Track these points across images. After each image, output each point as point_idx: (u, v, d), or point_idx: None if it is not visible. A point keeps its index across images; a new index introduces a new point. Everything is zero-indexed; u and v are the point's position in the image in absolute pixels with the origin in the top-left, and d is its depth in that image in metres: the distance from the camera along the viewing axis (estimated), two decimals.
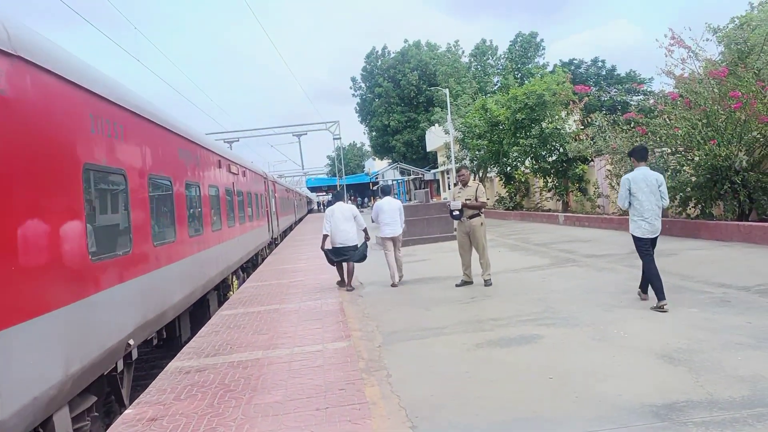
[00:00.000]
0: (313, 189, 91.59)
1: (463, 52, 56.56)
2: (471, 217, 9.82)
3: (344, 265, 10.82)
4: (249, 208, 17.19)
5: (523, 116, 24.87)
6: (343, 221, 10.61)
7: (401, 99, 57.77)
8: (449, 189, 13.06)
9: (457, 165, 24.26)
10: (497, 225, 23.93)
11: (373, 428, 4.14)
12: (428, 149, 53.82)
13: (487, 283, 9.70)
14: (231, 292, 13.27)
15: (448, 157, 35.65)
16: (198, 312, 10.35)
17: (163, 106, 9.50)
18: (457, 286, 9.92)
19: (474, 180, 10.83)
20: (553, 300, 8.16)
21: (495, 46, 54.77)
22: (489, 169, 31.26)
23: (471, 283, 9.95)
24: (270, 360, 6.27)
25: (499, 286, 9.68)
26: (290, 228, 36.42)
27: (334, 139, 59.36)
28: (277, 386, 5.31)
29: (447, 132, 34.38)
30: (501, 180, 30.35)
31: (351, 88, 64.87)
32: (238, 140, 54.23)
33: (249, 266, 17.38)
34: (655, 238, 7.40)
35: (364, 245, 10.90)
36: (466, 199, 9.80)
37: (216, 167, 12.18)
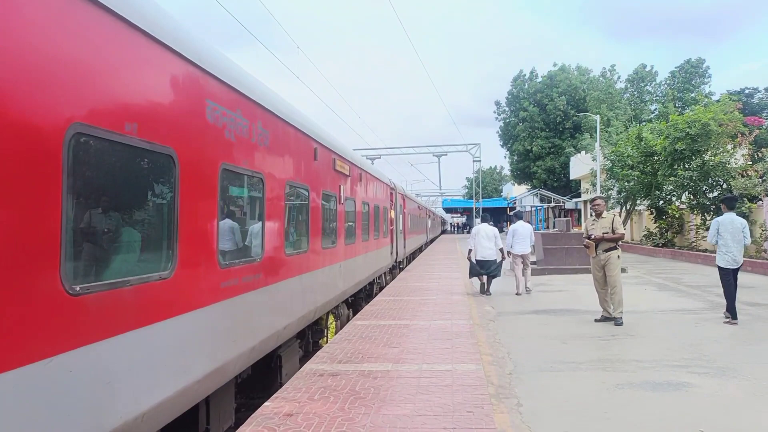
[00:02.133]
0: (448, 210, 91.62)
1: (618, 77, 53.98)
2: (607, 250, 9.28)
3: (483, 276, 12.89)
4: (364, 223, 13.04)
5: (683, 146, 23.05)
6: (486, 239, 12.73)
7: (546, 124, 56.31)
8: (589, 217, 12.42)
9: (593, 196, 22.86)
10: (644, 261, 22.33)
11: None
12: (571, 177, 51.72)
13: (617, 322, 9.06)
14: (324, 339, 9.36)
15: (594, 186, 33.98)
16: (259, 377, 6.64)
17: (320, 123, 9.28)
18: (596, 321, 9.38)
19: (609, 211, 10.25)
20: (706, 347, 7.43)
21: (655, 72, 51.58)
22: (638, 201, 29.34)
23: (611, 319, 9.34)
24: (399, 373, 6.32)
25: (644, 326, 9.00)
26: (420, 249, 33.64)
27: (473, 161, 59.32)
28: (406, 400, 5.34)
29: (595, 159, 32.85)
30: (651, 214, 28.31)
31: (495, 111, 64.54)
32: (379, 157, 56.05)
33: (362, 297, 13.64)
34: (737, 269, 9.17)
35: (501, 262, 12.98)
36: (603, 233, 9.29)
37: (305, 155, 7.93)
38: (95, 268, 3.45)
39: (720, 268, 9.33)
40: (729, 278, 9.19)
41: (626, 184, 28.22)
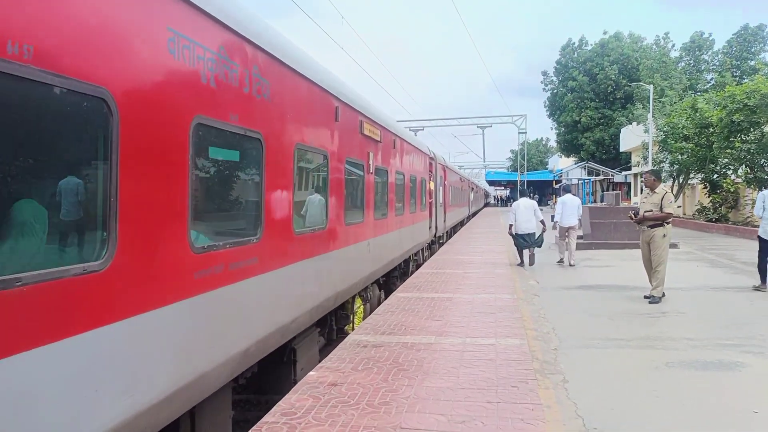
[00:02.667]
0: (491, 183, 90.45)
1: (673, 45, 51.77)
2: (653, 226, 9.01)
3: (525, 252, 13.39)
4: (398, 195, 11.71)
5: (741, 118, 22.01)
6: (525, 213, 13.12)
7: (596, 94, 54.66)
8: (642, 192, 12.02)
9: (645, 170, 22.08)
10: (696, 237, 21.64)
11: None
12: (621, 149, 50.22)
13: (652, 300, 8.83)
14: (350, 325, 8.74)
15: (645, 159, 32.90)
16: (270, 372, 5.71)
17: (365, 94, 9.04)
18: (645, 297, 9.17)
19: (663, 186, 9.94)
20: (759, 326, 7.18)
21: (712, 40, 49.17)
22: (691, 175, 28.31)
23: (662, 296, 9.12)
24: (442, 346, 6.34)
25: (696, 303, 8.78)
26: (461, 223, 31.91)
27: (519, 132, 58.30)
28: (449, 373, 5.35)
29: (647, 131, 31.74)
30: (705, 188, 27.31)
31: (542, 82, 63.01)
32: (422, 128, 55.66)
33: (396, 276, 12.76)
34: None
35: (542, 235, 13.38)
36: (645, 212, 9.04)
37: (324, 114, 6.73)
38: None
39: (760, 239, 9.79)
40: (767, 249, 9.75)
41: (679, 156, 27.23)
